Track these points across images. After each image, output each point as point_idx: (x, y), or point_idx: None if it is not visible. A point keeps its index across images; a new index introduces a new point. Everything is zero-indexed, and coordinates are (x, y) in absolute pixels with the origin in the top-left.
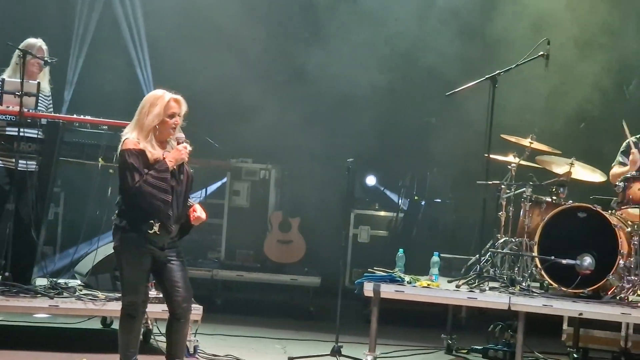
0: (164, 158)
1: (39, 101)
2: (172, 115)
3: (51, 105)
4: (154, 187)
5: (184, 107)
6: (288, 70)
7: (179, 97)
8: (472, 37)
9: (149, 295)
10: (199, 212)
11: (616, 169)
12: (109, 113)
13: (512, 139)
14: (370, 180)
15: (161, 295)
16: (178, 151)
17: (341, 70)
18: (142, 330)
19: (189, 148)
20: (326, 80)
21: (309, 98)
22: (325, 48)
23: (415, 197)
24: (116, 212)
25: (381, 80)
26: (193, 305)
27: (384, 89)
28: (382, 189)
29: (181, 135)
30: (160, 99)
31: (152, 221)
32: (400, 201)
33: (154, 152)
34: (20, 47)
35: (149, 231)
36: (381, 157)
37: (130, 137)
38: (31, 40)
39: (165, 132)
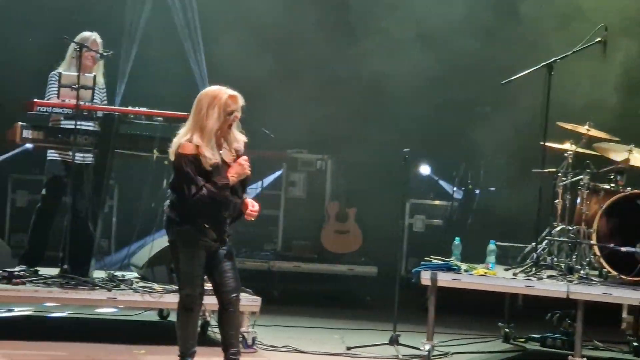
0: (226, 174)
1: (94, 94)
2: (230, 113)
3: (106, 98)
4: (213, 199)
5: (240, 102)
6: (342, 61)
7: (235, 93)
8: (523, 23)
9: (205, 288)
10: (251, 207)
11: None
12: (162, 105)
13: (569, 126)
14: (425, 170)
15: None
16: (240, 166)
17: (394, 60)
18: (200, 322)
19: (245, 140)
20: (380, 71)
21: (364, 88)
22: (377, 38)
23: (469, 186)
24: (168, 204)
25: (435, 69)
26: (251, 297)
27: (438, 79)
28: (437, 178)
29: (240, 147)
30: (217, 99)
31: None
32: (454, 190)
33: (212, 157)
34: (75, 40)
35: (206, 225)
36: (435, 146)
37: (193, 140)
38: (85, 34)
39: (225, 129)
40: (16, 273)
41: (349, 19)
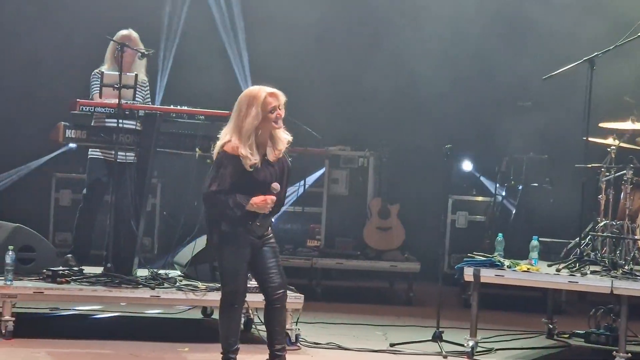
0: (270, 196)
1: (137, 92)
2: (272, 110)
3: (149, 96)
4: (224, 207)
5: (282, 98)
6: (381, 57)
7: (274, 90)
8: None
9: (249, 285)
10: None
11: None
12: (204, 103)
13: (611, 125)
14: (467, 166)
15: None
16: (264, 202)
17: (433, 56)
18: (243, 319)
19: (290, 140)
20: (420, 67)
21: (403, 85)
22: (419, 31)
23: (512, 182)
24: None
25: (475, 64)
26: (294, 294)
27: (478, 73)
28: (478, 175)
29: (282, 148)
30: (256, 98)
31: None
32: (496, 186)
33: (251, 158)
34: (115, 39)
35: (249, 222)
36: (477, 142)
37: (232, 141)
38: (124, 32)
39: (269, 128)
40: (60, 272)
41: (390, 16)
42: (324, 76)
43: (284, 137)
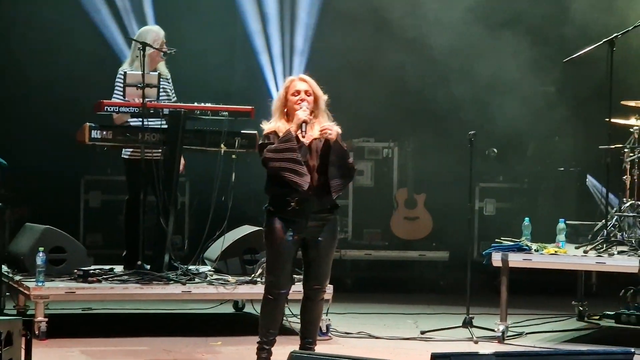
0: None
1: (161, 87)
2: (295, 94)
3: (173, 90)
4: (279, 155)
5: (312, 84)
6: (400, 49)
7: (304, 75)
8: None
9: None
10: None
11: None
12: (227, 99)
13: (633, 103)
14: (493, 152)
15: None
16: (297, 115)
17: (451, 43)
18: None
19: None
20: (439, 54)
21: (424, 72)
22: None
23: (539, 168)
24: None
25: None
26: None
27: (499, 60)
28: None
29: (332, 135)
30: (285, 82)
31: (288, 198)
32: (523, 172)
33: (282, 127)
34: (138, 38)
35: (288, 209)
36: (501, 128)
37: (265, 125)
38: (145, 30)
39: (293, 112)
40: (92, 272)
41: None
42: (346, 67)
43: (329, 124)
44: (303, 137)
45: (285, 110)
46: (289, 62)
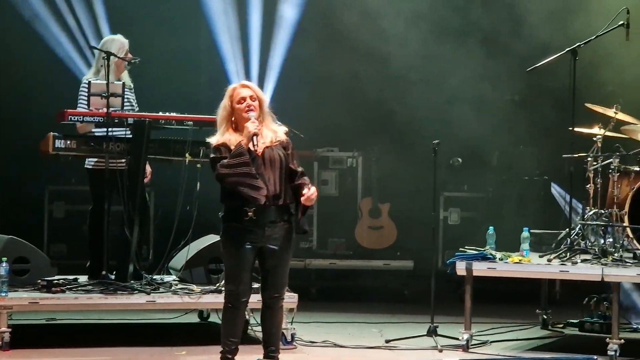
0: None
1: (125, 96)
2: (241, 101)
3: (135, 100)
4: (233, 170)
5: (255, 89)
6: (357, 59)
7: (247, 82)
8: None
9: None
10: (307, 192)
11: None
12: (192, 109)
13: (597, 108)
14: (457, 162)
15: (257, 285)
16: (247, 128)
17: (414, 54)
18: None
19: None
20: (403, 65)
21: (384, 83)
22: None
23: (503, 177)
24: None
25: (459, 56)
26: (288, 294)
27: (462, 69)
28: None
29: (281, 137)
30: (228, 91)
31: (246, 208)
32: (487, 181)
33: (232, 139)
34: (102, 47)
35: (245, 218)
36: (466, 137)
37: (213, 138)
38: (109, 39)
39: (242, 120)
40: (55, 282)
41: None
42: (309, 78)
43: (277, 128)
44: (255, 150)
45: (233, 119)
46: (256, 72)
